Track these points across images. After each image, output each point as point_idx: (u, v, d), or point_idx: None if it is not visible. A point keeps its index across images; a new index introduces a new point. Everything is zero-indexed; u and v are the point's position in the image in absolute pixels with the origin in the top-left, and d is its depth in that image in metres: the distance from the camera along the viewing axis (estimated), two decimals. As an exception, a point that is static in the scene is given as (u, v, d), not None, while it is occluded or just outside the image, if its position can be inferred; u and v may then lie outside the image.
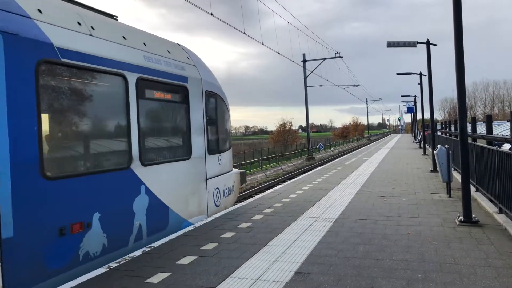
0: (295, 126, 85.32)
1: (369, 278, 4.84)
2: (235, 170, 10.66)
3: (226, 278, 4.96)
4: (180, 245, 6.35)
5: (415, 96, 45.65)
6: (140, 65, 6.70)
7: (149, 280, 4.93)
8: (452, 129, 19.32)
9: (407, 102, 54.22)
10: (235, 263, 5.48)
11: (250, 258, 5.66)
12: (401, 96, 54.63)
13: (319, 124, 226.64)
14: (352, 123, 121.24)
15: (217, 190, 9.19)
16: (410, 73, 27.96)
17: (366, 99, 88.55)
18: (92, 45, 5.76)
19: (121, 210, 6.10)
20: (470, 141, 10.12)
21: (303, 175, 16.76)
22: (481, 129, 17.43)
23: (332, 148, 53.22)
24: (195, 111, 8.25)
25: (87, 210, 5.46)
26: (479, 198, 9.22)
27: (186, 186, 7.88)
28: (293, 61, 29.96)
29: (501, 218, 7.25)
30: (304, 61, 36.35)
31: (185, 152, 7.97)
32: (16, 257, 4.45)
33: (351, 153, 32.35)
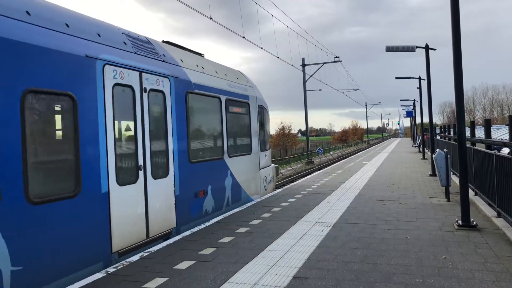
0: (294, 130, 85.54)
1: (367, 282, 4.83)
2: (273, 164, 13.89)
3: (224, 283, 4.95)
4: (178, 250, 6.34)
5: (414, 100, 45.60)
6: (226, 90, 9.99)
7: (146, 285, 4.92)
8: (451, 133, 19.29)
9: (407, 106, 54.19)
10: (233, 268, 5.48)
11: (248, 263, 5.65)
12: (400, 100, 54.29)
13: (318, 128, 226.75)
14: (351, 127, 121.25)
15: (265, 177, 12.40)
16: (409, 77, 27.95)
17: (366, 103, 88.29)
18: (205, 79, 9.00)
19: (220, 185, 9.37)
20: (469, 145, 10.12)
21: (302, 179, 16.76)
22: (480, 133, 17.44)
23: (331, 152, 53.12)
24: (253, 120, 11.57)
25: (206, 183, 8.71)
26: (477, 202, 9.21)
27: (249, 173, 11.17)
28: (292, 65, 29.78)
29: (499, 222, 7.25)
30: (303, 65, 36.30)
31: (248, 149, 11.24)
32: (180, 206, 7.68)
33: (350, 157, 32.35)
